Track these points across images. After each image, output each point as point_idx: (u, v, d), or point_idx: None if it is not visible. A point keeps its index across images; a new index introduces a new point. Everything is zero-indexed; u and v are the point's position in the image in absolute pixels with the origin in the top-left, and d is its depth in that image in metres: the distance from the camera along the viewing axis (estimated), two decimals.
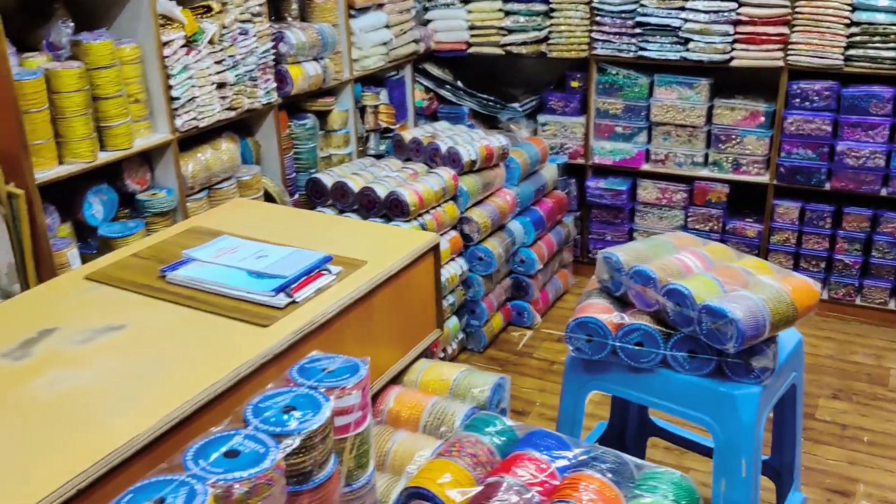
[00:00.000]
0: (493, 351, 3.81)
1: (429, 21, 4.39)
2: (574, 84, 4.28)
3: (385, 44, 4.00)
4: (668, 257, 2.20)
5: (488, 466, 1.57)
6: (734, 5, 3.68)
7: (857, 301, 3.94)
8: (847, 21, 3.50)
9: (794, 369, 2.30)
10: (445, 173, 3.47)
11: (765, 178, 3.95)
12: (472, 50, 4.36)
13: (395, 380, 1.91)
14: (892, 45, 3.47)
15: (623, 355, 2.14)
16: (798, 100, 3.74)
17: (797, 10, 3.58)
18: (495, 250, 3.61)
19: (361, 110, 3.99)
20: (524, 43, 4.21)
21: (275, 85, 3.27)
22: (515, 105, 4.44)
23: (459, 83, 4.48)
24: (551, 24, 4.12)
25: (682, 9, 3.79)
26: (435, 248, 1.96)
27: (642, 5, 3.88)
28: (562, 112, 4.34)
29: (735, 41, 3.76)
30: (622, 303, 2.23)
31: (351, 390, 1.31)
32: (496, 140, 3.70)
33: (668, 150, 4.12)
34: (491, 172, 3.70)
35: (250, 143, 3.34)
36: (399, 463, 1.61)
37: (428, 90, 4.52)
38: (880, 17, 3.43)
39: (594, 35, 4.05)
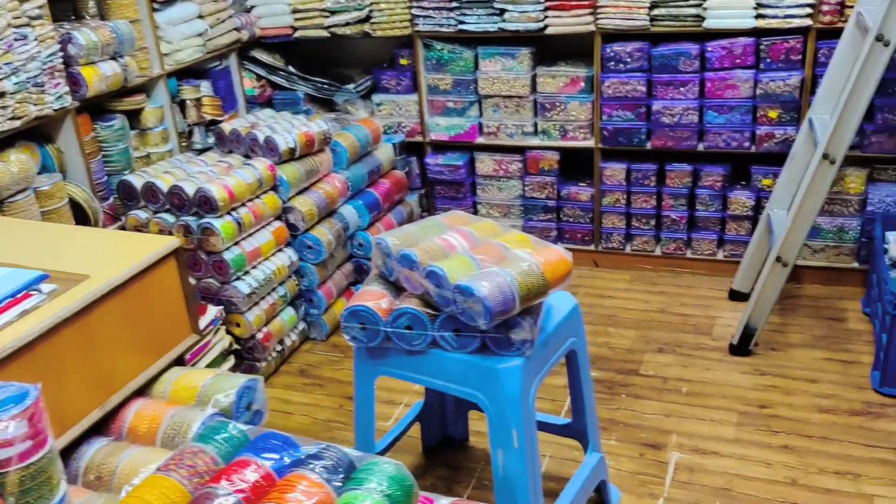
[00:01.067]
0: (336, 338, 3.79)
1: (251, 7, 4.29)
2: (403, 62, 4.25)
3: (200, 35, 3.88)
4: (434, 238, 2.21)
5: (206, 476, 1.55)
6: None
7: (688, 254, 4.06)
8: None
9: (573, 334, 2.36)
10: (261, 164, 3.40)
11: (591, 143, 4.01)
12: (298, 34, 4.28)
13: (144, 392, 1.87)
14: (693, 2, 3.55)
15: (395, 339, 2.15)
16: (613, 63, 3.80)
17: None
18: (324, 238, 3.58)
19: (181, 105, 3.88)
20: (347, 24, 4.15)
21: (66, 89, 3.14)
22: (350, 86, 4.39)
23: (291, 68, 4.40)
24: (372, 3, 4.07)
25: None
26: (176, 252, 1.91)
27: None
28: (395, 91, 4.31)
29: (547, 9, 3.79)
30: (398, 287, 2.24)
31: (9, 421, 1.26)
32: (316, 126, 3.65)
33: (499, 122, 4.14)
34: (315, 159, 3.65)
35: (50, 151, 3.21)
36: (122, 482, 1.57)
37: (259, 78, 4.42)
38: None
39: (415, 11, 4.02)
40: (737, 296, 3.78)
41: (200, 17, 3.88)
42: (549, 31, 3.83)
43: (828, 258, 3.80)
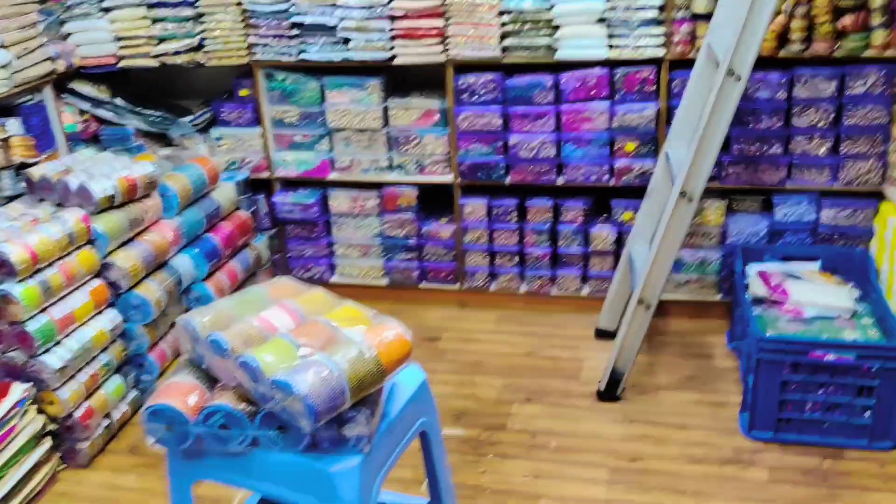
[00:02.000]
0: None
1: (68, 35, 3.83)
2: (243, 93, 3.90)
3: (3, 66, 3.40)
4: (252, 318, 1.89)
5: None
6: None
7: (553, 292, 3.90)
8: (499, 10, 3.38)
9: (422, 414, 2.09)
10: (73, 216, 2.98)
11: (449, 178, 3.79)
12: (123, 63, 3.86)
13: None
14: (544, 32, 3.39)
15: (209, 441, 1.82)
16: (466, 95, 3.59)
17: (448, 1, 3.41)
18: (152, 295, 3.18)
19: None
20: (177, 52, 3.76)
21: None
22: (187, 119, 4.00)
23: (119, 100, 3.96)
24: (204, 30, 3.71)
25: (335, 6, 3.51)
26: None
27: (294, 4, 3.56)
28: (237, 124, 3.95)
29: (394, 38, 3.54)
30: (211, 376, 1.91)
31: None
32: (140, 168, 3.25)
33: (352, 157, 3.86)
34: (139, 206, 3.24)
35: None
36: None
37: (83, 112, 3.96)
38: (527, 4, 3.33)
39: (252, 39, 3.69)
40: (603, 334, 3.63)
41: (3, 46, 3.41)
42: (397, 61, 3.58)
43: (691, 292, 3.72)
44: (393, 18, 3.50)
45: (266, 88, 3.82)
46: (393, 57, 3.58)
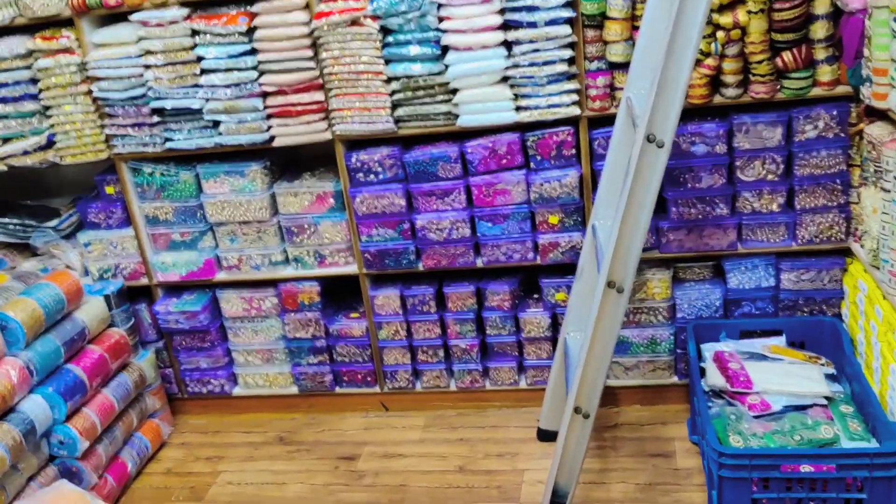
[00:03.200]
0: None
1: None
2: (109, 190, 3.37)
3: None
4: None
5: None
6: (254, 74, 2.96)
7: (487, 386, 3.38)
8: (385, 77, 2.90)
9: None
10: None
11: (353, 268, 3.28)
12: None
13: None
14: (439, 97, 2.91)
15: None
16: (361, 174, 3.09)
17: (326, 71, 2.92)
18: None
19: None
20: (26, 152, 3.23)
21: None
22: (53, 223, 3.46)
23: None
24: (54, 125, 3.18)
25: (198, 86, 3.01)
26: None
27: (150, 89, 3.05)
28: (106, 225, 3.41)
29: (270, 116, 3.04)
30: None
31: None
32: None
33: (240, 253, 3.33)
34: None
35: None
36: None
37: None
38: (416, 68, 2.85)
39: (109, 131, 3.17)
40: (546, 435, 3.11)
41: None
42: (277, 143, 3.08)
43: (643, 375, 3.22)
44: (265, 95, 3.01)
45: (133, 184, 3.30)
46: (272, 138, 3.08)
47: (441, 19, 2.80)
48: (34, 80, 3.11)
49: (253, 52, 2.94)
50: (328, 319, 3.40)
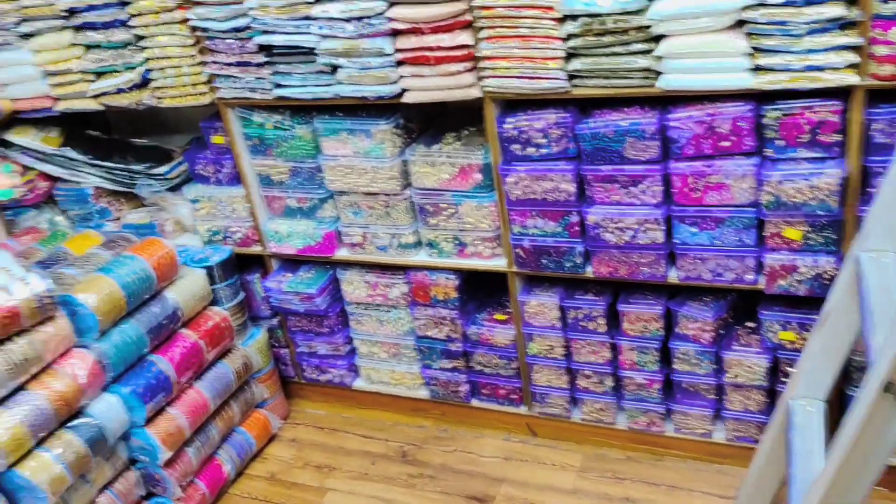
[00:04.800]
0: None
1: None
2: (217, 139, 2.76)
3: None
4: None
5: None
6: (381, 5, 2.17)
7: (668, 431, 2.55)
8: (557, 15, 2.01)
9: None
10: None
11: (501, 263, 2.50)
12: (61, 106, 2.82)
13: None
14: (635, 46, 1.99)
15: None
16: (518, 146, 2.27)
17: (477, 3, 2.08)
18: (44, 474, 2.17)
19: None
20: (120, 91, 2.68)
21: None
22: (159, 171, 2.94)
23: (70, 150, 2.95)
24: (148, 59, 2.59)
25: (310, 18, 2.28)
26: None
27: (255, 19, 2.35)
28: (215, 180, 2.84)
29: (401, 63, 2.27)
30: None
31: None
32: (26, 290, 2.20)
33: (365, 229, 2.65)
34: (28, 341, 2.22)
35: None
36: None
37: (28, 169, 2.99)
38: (603, 2, 1.94)
39: (210, 70, 2.53)
40: None
41: None
42: (408, 97, 2.31)
43: None
44: (396, 34, 2.22)
45: (243, 135, 2.67)
46: (402, 92, 2.31)
47: None
48: (124, 2, 2.51)
49: None
50: (466, 320, 2.68)
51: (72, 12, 2.59)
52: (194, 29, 2.47)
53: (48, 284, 2.25)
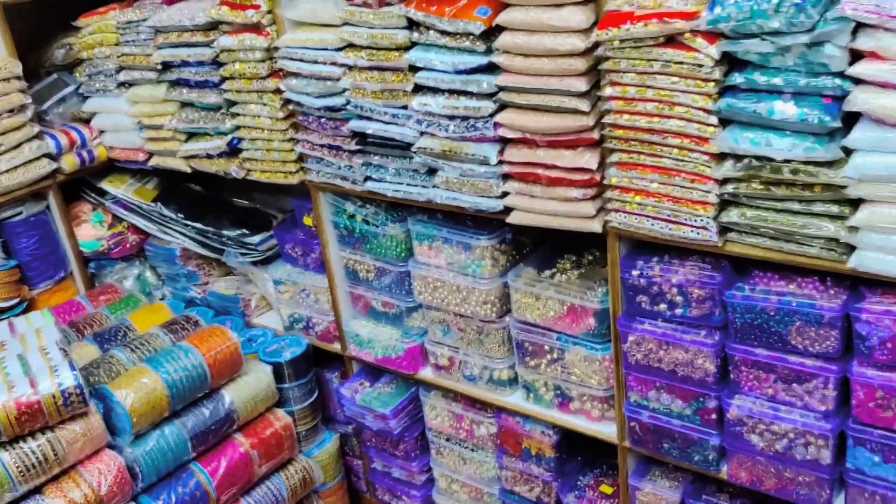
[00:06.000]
0: None
1: (90, 117, 2.66)
2: (308, 221, 2.42)
3: None
4: None
5: None
6: (489, 106, 1.72)
7: None
8: (713, 150, 1.48)
9: None
10: None
11: (611, 431, 1.97)
12: (154, 161, 2.59)
13: None
14: (819, 206, 1.42)
15: None
16: (646, 298, 1.74)
17: (609, 120, 1.58)
18: None
19: None
20: (209, 156, 2.40)
21: None
22: (253, 240, 2.64)
23: (162, 207, 2.71)
24: (238, 128, 2.28)
25: (407, 108, 1.87)
26: None
27: (351, 101, 1.97)
28: (303, 264, 2.50)
29: (507, 177, 1.81)
30: None
31: None
32: (50, 383, 1.94)
33: (453, 353, 2.21)
34: (49, 439, 1.96)
35: None
36: None
37: (119, 220, 2.79)
38: (781, 144, 1.39)
39: (301, 148, 2.19)
40: None
41: None
42: (514, 218, 1.84)
43: None
44: (504, 142, 1.77)
45: (332, 223, 2.31)
46: (507, 210, 1.85)
47: (856, 54, 1.30)
48: (218, 63, 2.21)
49: (492, 69, 1.71)
50: (563, 484, 2.16)
51: (166, 66, 2.34)
52: (287, 102, 2.13)
53: (77, 380, 1.97)
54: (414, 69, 1.82)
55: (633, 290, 1.75)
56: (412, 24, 1.79)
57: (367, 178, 2.08)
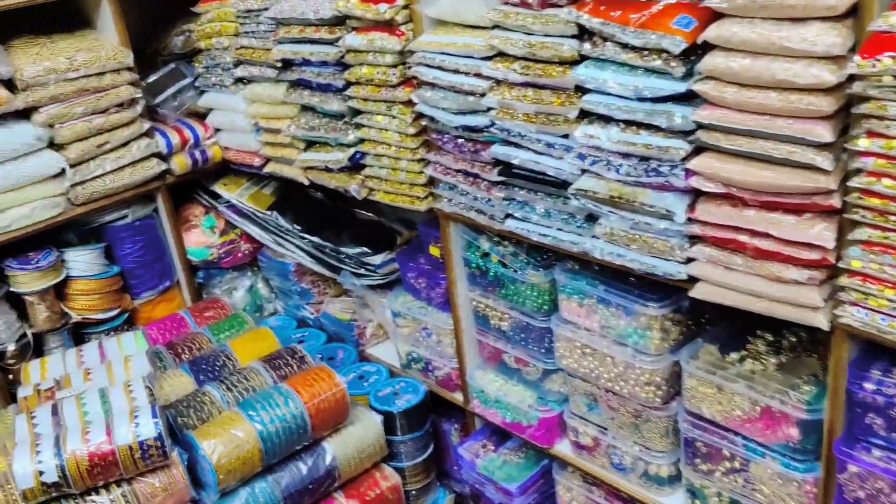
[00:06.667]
0: None
1: (206, 112, 2.40)
2: (434, 251, 2.06)
3: (54, 176, 2.11)
4: None
5: None
6: (681, 148, 1.29)
7: None
8: None
9: None
10: None
11: None
12: (269, 168, 2.30)
13: None
14: None
15: None
16: (879, 419, 1.27)
17: (856, 184, 1.12)
18: None
19: (16, 303, 2.18)
20: (328, 169, 2.07)
21: None
22: (374, 261, 2.31)
23: (278, 215, 2.43)
24: (362, 141, 1.94)
25: (567, 138, 1.46)
26: None
27: (496, 122, 1.59)
28: (426, 297, 2.15)
29: (695, 240, 1.37)
30: None
31: None
32: (128, 432, 1.68)
33: (600, 433, 1.80)
34: (125, 491, 1.71)
35: None
36: None
37: (232, 226, 2.54)
38: None
39: (433, 171, 1.82)
40: None
41: (58, 145, 2.11)
42: (699, 291, 1.39)
43: None
44: (697, 194, 1.33)
45: (462, 258, 1.94)
46: (692, 280, 1.41)
47: None
48: (343, 65, 1.88)
49: (689, 98, 1.27)
50: None
51: (287, 64, 2.03)
52: (419, 116, 1.77)
53: (158, 430, 1.70)
54: (581, 90, 1.41)
55: (862, 408, 1.28)
56: (583, 33, 1.38)
57: (507, 216, 1.69)
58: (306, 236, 2.41)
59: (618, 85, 1.33)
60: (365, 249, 2.34)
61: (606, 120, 1.39)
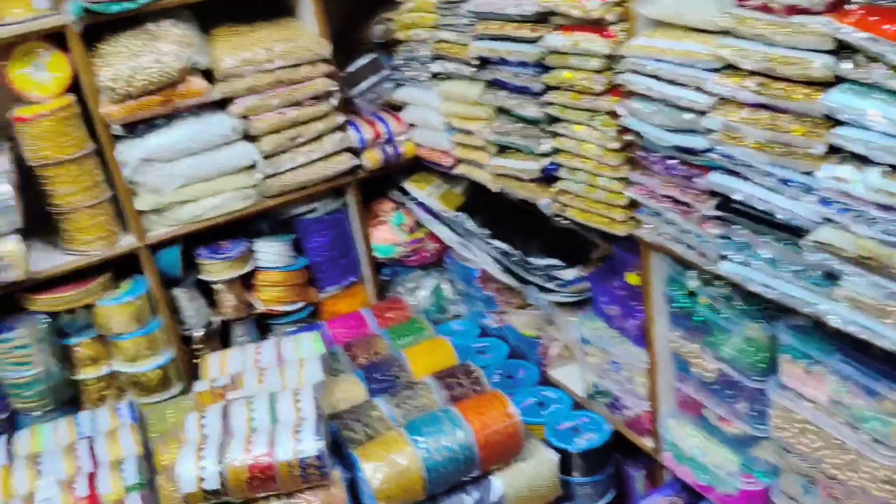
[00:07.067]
0: None
1: (401, 106, 2.29)
2: (631, 279, 1.82)
3: (246, 168, 2.10)
4: None
5: None
6: None
7: None
8: None
9: None
10: None
11: None
12: (460, 169, 2.16)
13: None
14: None
15: None
16: None
17: None
18: None
19: (206, 291, 2.21)
20: (519, 177, 1.88)
21: None
22: (563, 276, 2.11)
23: (467, 217, 2.28)
24: (557, 151, 1.73)
25: (811, 176, 1.17)
26: None
27: (718, 147, 1.32)
28: (618, 326, 1.91)
29: None
30: None
31: None
32: (288, 447, 1.62)
33: None
34: None
35: None
36: None
37: (419, 224, 2.43)
38: None
39: (635, 193, 1.58)
40: None
41: (252, 136, 2.09)
42: None
43: None
44: None
45: (662, 293, 1.68)
46: None
47: None
48: (543, 67, 1.67)
49: None
50: None
51: (484, 63, 1.85)
52: (625, 130, 1.53)
53: (320, 450, 1.63)
54: (832, 120, 1.12)
55: None
56: (842, 48, 1.08)
57: (723, 256, 1.42)
58: (493, 242, 2.24)
59: (884, 119, 1.03)
60: (555, 262, 2.14)
61: (863, 161, 1.09)
